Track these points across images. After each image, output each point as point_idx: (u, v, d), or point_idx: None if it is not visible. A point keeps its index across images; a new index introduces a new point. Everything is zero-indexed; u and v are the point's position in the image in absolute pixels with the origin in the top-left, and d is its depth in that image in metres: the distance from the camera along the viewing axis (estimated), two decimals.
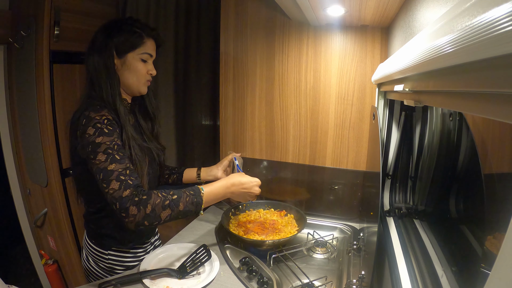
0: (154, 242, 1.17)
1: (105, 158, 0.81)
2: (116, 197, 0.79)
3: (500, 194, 0.61)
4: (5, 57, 1.70)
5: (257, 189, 1.04)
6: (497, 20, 0.21)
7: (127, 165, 0.84)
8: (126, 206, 0.78)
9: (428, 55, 0.39)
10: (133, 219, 0.79)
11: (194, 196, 0.89)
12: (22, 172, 1.81)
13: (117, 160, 0.82)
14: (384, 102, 1.18)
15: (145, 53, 0.96)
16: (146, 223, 0.80)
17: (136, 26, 0.95)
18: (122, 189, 0.79)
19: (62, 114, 1.56)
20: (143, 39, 0.95)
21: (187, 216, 0.89)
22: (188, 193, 0.89)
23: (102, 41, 0.92)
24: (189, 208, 0.87)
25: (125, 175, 0.81)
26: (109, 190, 0.80)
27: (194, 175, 1.22)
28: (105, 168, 0.81)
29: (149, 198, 0.81)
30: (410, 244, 0.90)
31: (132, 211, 0.79)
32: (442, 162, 0.96)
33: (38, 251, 1.87)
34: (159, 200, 0.82)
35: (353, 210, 1.42)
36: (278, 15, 1.39)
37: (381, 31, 1.28)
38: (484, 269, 0.57)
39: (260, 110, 1.50)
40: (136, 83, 0.98)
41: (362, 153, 1.40)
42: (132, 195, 0.80)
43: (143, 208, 0.80)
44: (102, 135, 0.83)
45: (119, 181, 0.80)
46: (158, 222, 0.82)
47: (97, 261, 1.02)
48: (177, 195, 0.86)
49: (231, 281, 0.97)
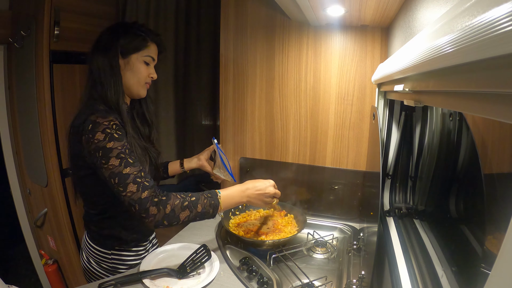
0: (152, 240, 1.19)
1: (118, 162, 0.83)
2: (135, 199, 0.81)
3: (500, 194, 0.61)
4: (5, 57, 1.70)
5: (271, 189, 1.05)
6: (497, 20, 0.21)
7: (140, 168, 0.86)
8: (146, 207, 0.81)
9: (428, 55, 0.39)
10: (153, 219, 0.82)
11: (212, 199, 0.92)
12: (22, 172, 1.81)
13: (130, 164, 0.84)
14: (384, 102, 1.18)
15: (148, 56, 0.99)
16: (165, 223, 0.84)
17: (142, 30, 0.99)
18: (141, 191, 0.82)
19: (62, 114, 1.56)
20: (147, 42, 0.98)
21: (204, 218, 0.91)
22: (206, 195, 0.92)
23: (108, 41, 0.95)
24: (207, 209, 0.90)
25: (140, 177, 0.84)
26: (127, 193, 0.82)
27: (178, 167, 1.28)
28: (120, 172, 0.82)
29: (168, 199, 0.84)
30: (410, 244, 0.90)
31: (152, 211, 0.82)
32: (442, 162, 0.96)
33: (38, 251, 1.87)
34: (178, 201, 0.85)
35: (353, 210, 1.42)
36: (278, 15, 1.39)
37: (381, 31, 1.28)
38: (484, 269, 0.57)
39: (260, 110, 1.50)
40: (137, 85, 1.00)
41: (362, 153, 1.40)
42: (151, 196, 0.83)
43: (163, 208, 0.83)
44: (112, 140, 0.84)
45: (136, 184, 0.82)
46: (177, 223, 0.86)
47: (99, 262, 1.02)
48: (195, 197, 0.89)
49: (231, 281, 0.97)
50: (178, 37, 1.90)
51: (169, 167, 1.29)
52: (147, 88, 1.04)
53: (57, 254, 1.75)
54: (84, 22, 1.59)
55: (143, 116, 1.11)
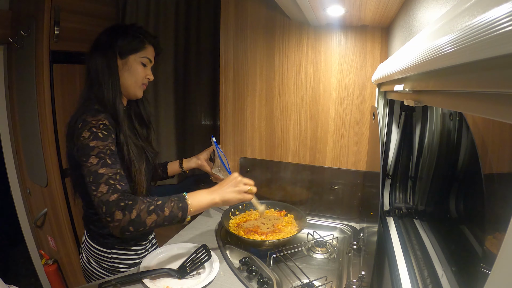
0: (151, 240, 1.19)
1: (96, 161, 0.82)
2: (103, 201, 0.79)
3: (500, 194, 0.61)
4: (5, 57, 1.70)
5: (238, 177, 1.00)
6: (497, 20, 0.21)
7: (117, 170, 0.84)
8: (112, 211, 0.78)
9: (428, 55, 0.39)
10: (118, 224, 0.78)
11: (179, 201, 0.88)
12: (22, 172, 1.81)
13: (108, 165, 0.83)
14: (384, 102, 1.18)
15: (145, 57, 1.00)
16: (131, 229, 0.80)
17: (140, 32, 1.00)
18: (110, 193, 0.79)
19: (62, 114, 1.56)
20: (145, 44, 1.00)
21: (173, 222, 0.87)
22: (173, 199, 0.88)
23: (107, 42, 0.96)
24: (175, 213, 0.86)
25: (114, 179, 0.82)
26: (97, 193, 0.80)
27: (177, 167, 1.28)
28: (95, 171, 0.81)
29: (135, 204, 0.81)
30: (410, 244, 0.90)
31: (118, 215, 0.78)
32: (442, 162, 0.96)
33: (38, 251, 1.87)
34: (144, 206, 0.82)
35: (353, 210, 1.42)
36: (278, 15, 1.39)
37: (381, 31, 1.28)
38: (484, 269, 0.57)
39: (260, 110, 1.50)
40: (134, 85, 1.01)
41: (362, 153, 1.40)
42: (118, 199, 0.79)
43: (128, 213, 0.79)
44: (96, 139, 0.84)
45: (108, 185, 0.80)
46: (143, 228, 0.81)
47: (100, 262, 1.02)
48: (162, 200, 0.86)
49: (231, 281, 0.97)
50: (178, 37, 1.89)
51: (168, 167, 1.28)
52: (144, 89, 1.05)
53: (57, 254, 1.75)
54: (84, 22, 1.59)
55: (140, 116, 1.12)
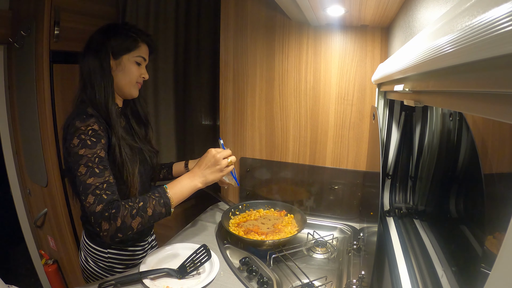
0: (151, 242, 1.19)
1: (85, 171, 0.82)
2: (91, 212, 0.80)
3: (500, 194, 0.61)
4: (5, 57, 1.70)
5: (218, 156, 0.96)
6: (497, 20, 0.21)
7: (105, 179, 0.84)
8: (99, 222, 0.80)
9: (428, 55, 0.39)
10: (107, 234, 0.80)
11: (161, 197, 0.88)
12: (22, 172, 1.81)
13: (96, 174, 0.83)
14: (384, 102, 1.18)
15: (139, 56, 0.99)
16: (120, 235, 0.81)
17: (132, 31, 0.98)
18: (96, 204, 0.80)
19: (62, 114, 1.56)
20: (138, 43, 0.99)
21: (160, 219, 0.88)
22: (154, 196, 0.88)
23: (99, 42, 0.94)
24: (158, 210, 0.86)
25: (101, 189, 0.82)
26: (86, 203, 0.81)
27: (182, 167, 1.25)
28: (84, 181, 0.82)
29: (118, 211, 0.81)
30: (410, 244, 0.90)
31: (104, 226, 0.79)
32: (442, 162, 0.96)
33: (38, 251, 1.87)
34: (127, 212, 0.82)
35: (353, 210, 1.42)
36: (278, 15, 1.39)
37: (381, 31, 1.28)
38: (484, 269, 0.57)
39: (260, 110, 1.50)
40: (129, 85, 1.00)
41: (362, 153, 1.40)
42: (103, 210, 0.80)
43: (114, 222, 0.80)
44: (84, 147, 0.84)
45: (94, 196, 0.81)
46: (131, 232, 0.82)
47: (97, 261, 1.03)
48: (143, 201, 0.85)
49: (231, 281, 0.97)
50: (178, 37, 1.89)
51: (173, 167, 1.27)
52: (139, 88, 1.04)
53: (57, 254, 1.75)
54: (84, 22, 1.59)
55: (137, 115, 1.11)
